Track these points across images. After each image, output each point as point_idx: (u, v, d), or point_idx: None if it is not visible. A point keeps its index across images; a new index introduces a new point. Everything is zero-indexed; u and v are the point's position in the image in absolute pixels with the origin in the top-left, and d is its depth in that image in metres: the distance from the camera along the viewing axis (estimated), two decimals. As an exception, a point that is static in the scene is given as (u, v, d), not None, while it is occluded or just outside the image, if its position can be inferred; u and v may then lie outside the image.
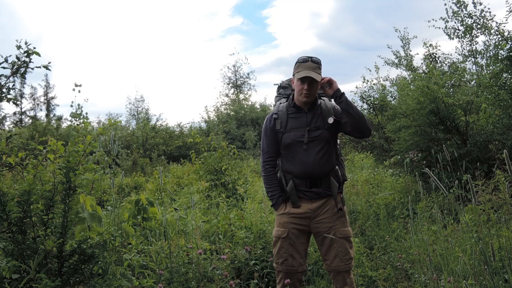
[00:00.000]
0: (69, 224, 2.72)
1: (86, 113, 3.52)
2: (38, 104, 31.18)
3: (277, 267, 2.72)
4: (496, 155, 4.97)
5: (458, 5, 6.73)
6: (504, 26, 5.17)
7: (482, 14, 6.16)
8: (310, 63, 2.65)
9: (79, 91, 3.60)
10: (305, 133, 2.65)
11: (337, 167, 2.75)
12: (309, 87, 2.62)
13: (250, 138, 20.84)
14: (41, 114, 30.61)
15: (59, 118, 27.51)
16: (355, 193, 6.43)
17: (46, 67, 2.94)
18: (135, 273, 3.12)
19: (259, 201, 6.06)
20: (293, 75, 2.72)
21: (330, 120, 2.68)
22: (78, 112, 3.58)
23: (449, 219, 4.17)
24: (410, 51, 9.53)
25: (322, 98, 2.84)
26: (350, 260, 2.66)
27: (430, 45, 9.01)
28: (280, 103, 2.82)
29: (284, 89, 2.97)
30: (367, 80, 8.36)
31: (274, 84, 3.08)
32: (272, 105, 3.09)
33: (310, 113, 2.70)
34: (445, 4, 7.33)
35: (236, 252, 3.78)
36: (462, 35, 7.18)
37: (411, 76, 8.47)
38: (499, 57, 4.89)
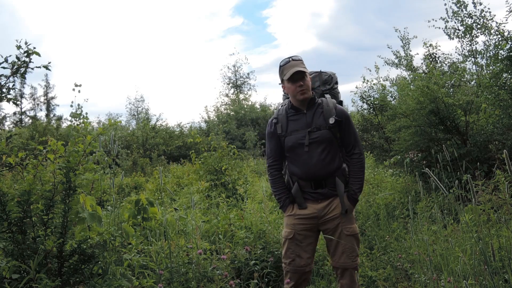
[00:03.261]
0: (69, 224, 2.72)
1: (86, 113, 3.52)
2: (38, 104, 31.18)
3: (285, 267, 2.74)
4: (496, 155, 4.97)
5: (458, 5, 6.74)
6: (504, 26, 5.19)
7: (482, 14, 6.17)
8: (292, 62, 2.67)
9: (79, 91, 3.60)
10: (306, 134, 2.63)
11: (344, 165, 2.71)
12: (302, 82, 2.63)
13: (250, 138, 20.83)
14: (41, 114, 30.61)
15: (59, 118, 27.52)
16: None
17: (46, 67, 2.94)
18: (135, 273, 3.11)
19: (259, 201, 6.06)
20: (282, 81, 2.73)
21: (331, 120, 2.65)
22: (78, 112, 3.58)
23: (449, 219, 4.17)
24: (410, 51, 9.55)
25: (325, 96, 2.81)
26: (356, 257, 2.68)
27: (430, 45, 9.02)
28: (281, 106, 2.82)
29: None
30: (367, 80, 8.38)
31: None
32: (278, 105, 3.06)
33: (310, 113, 2.68)
34: (445, 4, 7.33)
35: (236, 252, 3.78)
36: (462, 35, 7.18)
37: (411, 76, 8.47)
38: (499, 57, 4.88)
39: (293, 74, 2.61)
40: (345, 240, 2.65)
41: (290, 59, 2.69)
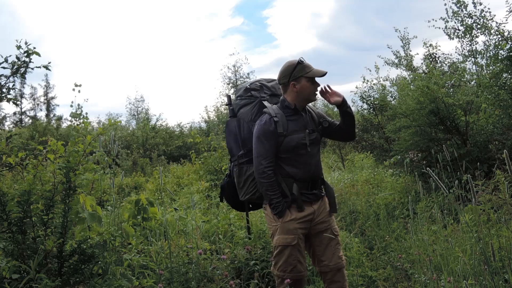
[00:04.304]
0: (69, 224, 2.72)
1: (86, 113, 3.52)
2: (38, 104, 31.13)
3: (283, 275, 2.62)
4: (496, 155, 4.96)
5: (458, 5, 6.71)
6: (504, 26, 5.16)
7: (482, 14, 6.15)
8: (308, 62, 2.68)
9: (79, 91, 3.61)
10: (306, 135, 2.64)
11: None
12: (318, 84, 2.69)
13: (250, 138, 20.77)
14: (41, 114, 30.56)
15: (59, 118, 27.45)
16: (355, 193, 6.42)
17: (46, 67, 2.94)
18: (135, 273, 3.11)
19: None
20: (296, 78, 2.62)
21: (326, 123, 2.75)
22: (78, 112, 3.58)
23: (449, 219, 4.17)
24: (410, 51, 9.52)
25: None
26: (343, 255, 2.74)
27: (430, 45, 9.01)
28: (272, 106, 2.71)
29: (256, 91, 2.83)
30: (367, 80, 8.38)
31: (242, 85, 2.94)
32: (231, 109, 2.87)
33: (305, 116, 2.71)
34: (445, 4, 7.30)
35: (236, 252, 3.78)
36: (462, 35, 7.16)
37: (411, 76, 8.47)
38: (499, 57, 4.88)
39: (323, 74, 2.64)
40: (334, 241, 2.69)
41: (303, 58, 2.68)
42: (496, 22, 5.39)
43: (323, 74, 2.64)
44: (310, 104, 2.81)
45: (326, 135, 2.83)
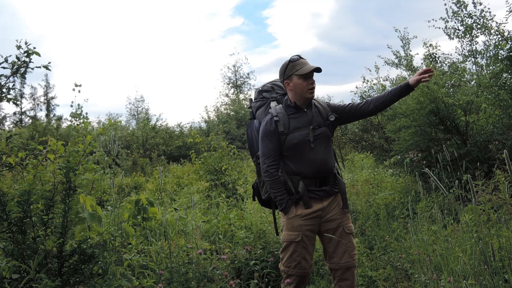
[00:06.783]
0: (69, 224, 2.72)
1: (86, 113, 3.51)
2: (38, 104, 31.22)
3: (288, 271, 2.66)
4: (496, 155, 4.97)
5: (458, 5, 6.71)
6: (504, 26, 5.16)
7: (482, 14, 6.14)
8: (303, 60, 2.67)
9: (79, 91, 3.60)
10: (310, 131, 2.64)
11: (336, 164, 2.78)
12: (313, 80, 2.66)
13: (250, 138, 20.75)
14: (41, 114, 30.65)
15: (59, 118, 27.50)
16: (355, 193, 6.42)
17: (46, 67, 2.94)
18: (135, 273, 3.11)
19: (259, 201, 6.04)
20: (288, 76, 2.67)
21: (332, 117, 2.70)
22: (78, 112, 3.57)
23: (449, 219, 4.17)
24: (410, 51, 9.50)
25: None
26: (355, 255, 2.71)
27: (430, 45, 9.00)
28: (275, 105, 2.77)
29: (267, 92, 2.89)
30: (367, 80, 8.38)
31: (255, 88, 3.00)
32: (251, 111, 2.94)
33: (309, 112, 2.70)
34: (445, 4, 7.30)
35: (236, 252, 3.78)
36: (462, 35, 7.16)
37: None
38: (499, 57, 4.88)
39: (310, 71, 2.61)
40: (345, 239, 2.67)
41: (299, 56, 2.68)
42: (496, 22, 5.39)
43: (311, 70, 2.61)
44: (317, 100, 2.80)
45: (345, 121, 2.82)
